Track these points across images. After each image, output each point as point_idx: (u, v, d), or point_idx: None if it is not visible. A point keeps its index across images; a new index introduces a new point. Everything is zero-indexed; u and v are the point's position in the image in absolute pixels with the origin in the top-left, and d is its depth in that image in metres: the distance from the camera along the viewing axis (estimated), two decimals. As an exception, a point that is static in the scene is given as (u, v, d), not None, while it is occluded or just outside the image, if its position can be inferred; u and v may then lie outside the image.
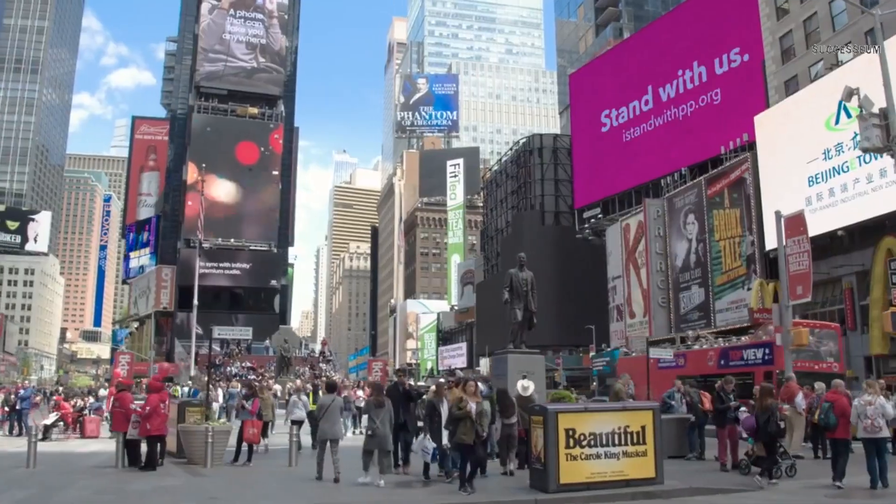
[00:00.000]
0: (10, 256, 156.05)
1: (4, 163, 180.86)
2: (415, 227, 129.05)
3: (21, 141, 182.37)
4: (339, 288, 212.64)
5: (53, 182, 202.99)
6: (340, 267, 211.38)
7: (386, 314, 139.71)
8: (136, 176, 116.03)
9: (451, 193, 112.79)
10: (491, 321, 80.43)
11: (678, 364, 31.17)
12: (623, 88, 59.04)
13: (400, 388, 14.70)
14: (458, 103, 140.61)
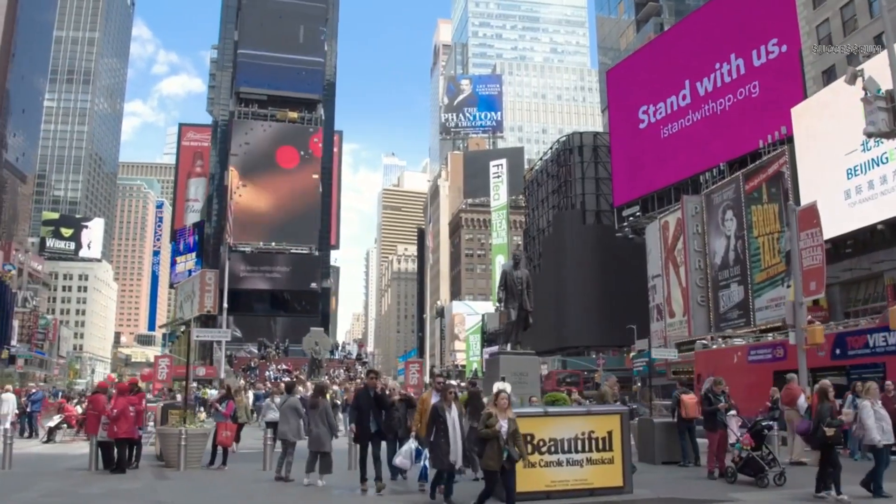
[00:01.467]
0: (64, 263, 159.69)
1: (59, 171, 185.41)
2: (459, 228, 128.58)
3: (75, 150, 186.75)
4: (387, 290, 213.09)
5: (107, 190, 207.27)
6: (389, 269, 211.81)
7: (433, 316, 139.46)
8: (184, 182, 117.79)
9: (495, 194, 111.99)
10: (534, 322, 79.71)
11: (775, 356, 25.14)
12: (660, 84, 57.88)
13: (371, 392, 12.78)
14: (503, 104, 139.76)
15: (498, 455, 9.67)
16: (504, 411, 9.90)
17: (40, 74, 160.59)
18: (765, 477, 12.26)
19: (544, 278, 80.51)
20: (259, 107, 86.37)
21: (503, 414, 9.87)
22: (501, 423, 9.77)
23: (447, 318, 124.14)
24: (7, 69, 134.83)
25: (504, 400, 10.02)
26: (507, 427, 9.76)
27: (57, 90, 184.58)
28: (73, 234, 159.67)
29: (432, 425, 10.82)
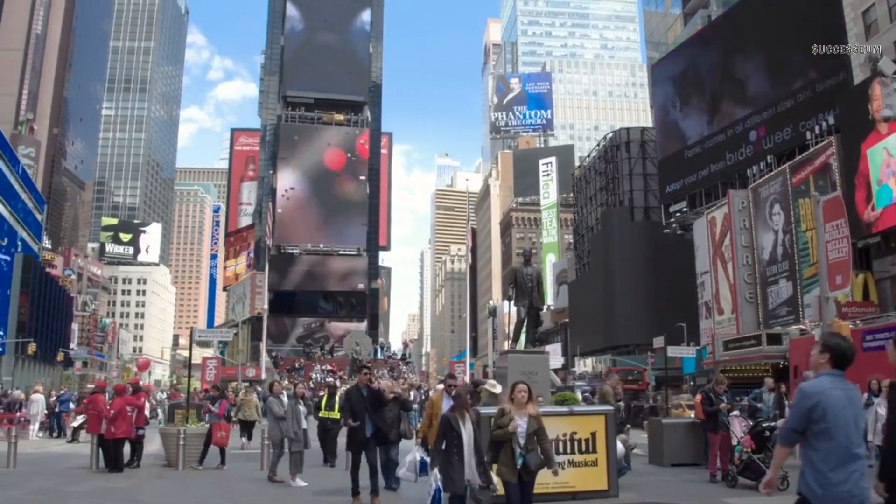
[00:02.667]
0: (123, 267, 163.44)
1: (119, 178, 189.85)
2: (510, 227, 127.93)
3: (133, 157, 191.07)
4: (441, 290, 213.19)
5: (165, 195, 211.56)
6: (442, 269, 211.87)
7: (485, 316, 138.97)
8: (237, 186, 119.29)
9: (545, 192, 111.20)
10: (584, 320, 78.77)
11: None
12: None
13: (364, 390, 11.26)
14: (553, 101, 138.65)
15: (512, 462, 8.21)
16: (523, 407, 8.35)
17: (97, 83, 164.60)
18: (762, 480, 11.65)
19: (593, 276, 79.53)
20: (306, 110, 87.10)
21: (521, 410, 8.34)
22: (519, 421, 8.25)
23: (498, 318, 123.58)
24: (65, 79, 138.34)
25: (522, 393, 8.45)
26: (525, 426, 8.27)
27: (115, 99, 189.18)
28: (132, 239, 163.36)
29: (442, 440, 8.90)
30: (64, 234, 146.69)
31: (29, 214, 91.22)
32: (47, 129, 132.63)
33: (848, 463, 4.82)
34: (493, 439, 8.44)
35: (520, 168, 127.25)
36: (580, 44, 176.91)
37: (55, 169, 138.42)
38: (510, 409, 8.38)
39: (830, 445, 4.83)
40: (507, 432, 8.24)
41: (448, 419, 8.83)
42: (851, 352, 5.10)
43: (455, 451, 8.65)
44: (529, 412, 8.36)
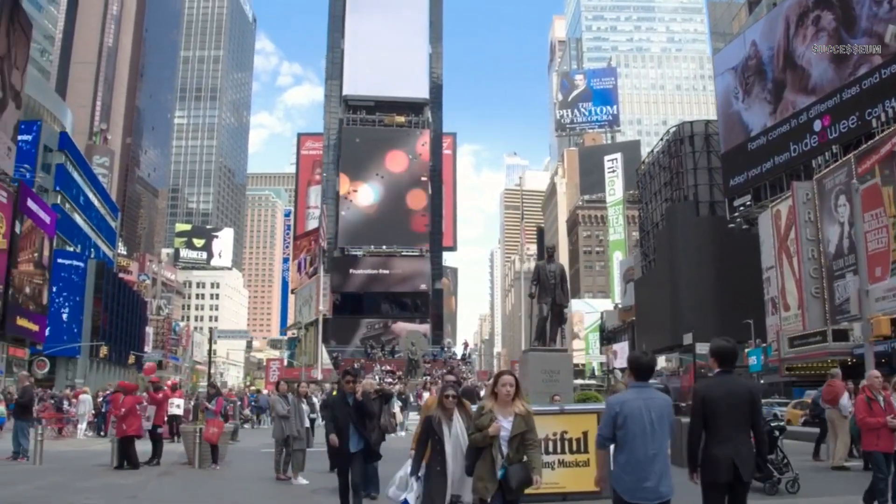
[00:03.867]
0: (196, 272, 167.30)
1: (192, 185, 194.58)
2: (577, 225, 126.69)
3: (205, 163, 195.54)
4: (511, 290, 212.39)
5: (237, 200, 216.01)
6: (512, 269, 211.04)
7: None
8: (304, 190, 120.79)
9: (610, 189, 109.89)
10: (650, 319, 77.39)
11: None
12: (767, 65, 55.05)
13: (349, 398, 9.84)
14: (619, 97, 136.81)
15: (491, 474, 6.53)
16: (508, 405, 6.66)
17: (168, 93, 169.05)
18: (775, 483, 11.00)
19: (658, 274, 78.10)
20: (367, 113, 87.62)
21: (506, 409, 6.64)
22: (502, 422, 6.57)
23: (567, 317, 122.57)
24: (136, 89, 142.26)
25: (507, 387, 6.66)
26: (509, 428, 6.54)
27: (186, 107, 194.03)
28: (205, 245, 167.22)
29: (423, 446, 7.38)
30: (140, 241, 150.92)
31: (102, 222, 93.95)
32: (121, 139, 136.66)
33: (644, 463, 5.80)
34: (471, 445, 6.75)
35: (585, 165, 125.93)
36: (646, 37, 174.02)
37: (129, 177, 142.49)
38: (492, 407, 6.63)
39: (631, 447, 5.84)
40: (487, 436, 6.49)
41: (430, 420, 7.37)
42: (649, 364, 6.29)
43: (437, 461, 7.13)
44: (516, 410, 6.60)
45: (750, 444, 6.21)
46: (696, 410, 6.28)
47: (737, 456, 6.04)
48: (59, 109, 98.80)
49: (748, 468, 6.10)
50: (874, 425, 9.36)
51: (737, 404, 6.18)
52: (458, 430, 7.16)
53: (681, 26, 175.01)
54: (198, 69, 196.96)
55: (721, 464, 6.04)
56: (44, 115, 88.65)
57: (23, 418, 18.12)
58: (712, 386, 6.46)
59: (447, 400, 7.35)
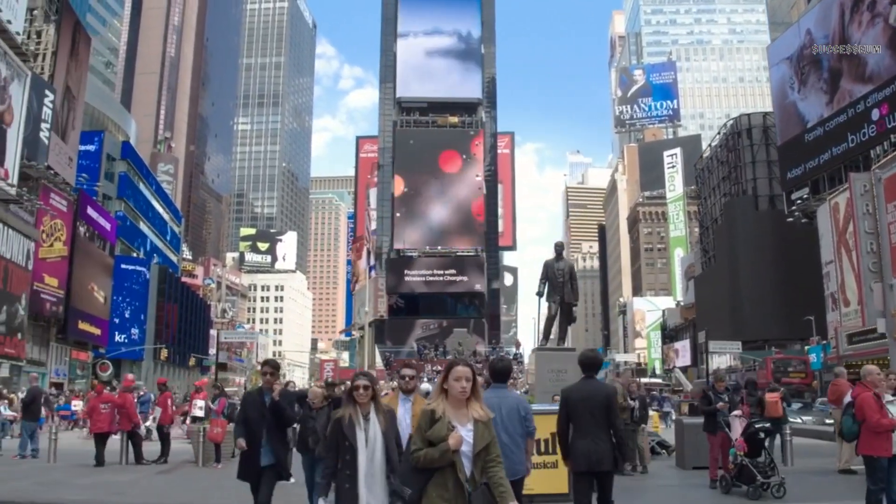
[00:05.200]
0: (261, 275, 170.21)
1: (256, 189, 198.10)
2: (637, 222, 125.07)
3: (268, 168, 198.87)
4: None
5: (301, 204, 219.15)
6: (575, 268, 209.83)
7: (615, 313, 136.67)
8: (363, 192, 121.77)
9: (670, 185, 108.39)
10: (710, 316, 75.90)
11: None
12: (822, 54, 53.52)
13: (265, 397, 8.16)
14: (679, 91, 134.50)
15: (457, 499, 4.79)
16: (463, 406, 5.01)
17: (230, 100, 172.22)
18: (759, 487, 10.55)
19: (718, 270, 76.73)
20: (420, 114, 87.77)
21: (461, 412, 4.99)
22: (462, 432, 4.89)
23: (629, 315, 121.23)
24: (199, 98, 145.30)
25: (463, 383, 5.00)
26: (472, 440, 4.91)
27: (249, 114, 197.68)
28: (269, 248, 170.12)
29: (331, 452, 5.75)
30: (206, 245, 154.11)
31: (166, 227, 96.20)
32: (184, 147, 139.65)
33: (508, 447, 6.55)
34: (417, 465, 4.85)
35: (645, 161, 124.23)
36: (707, 30, 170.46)
37: (193, 183, 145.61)
38: (444, 410, 4.91)
39: None
40: (447, 451, 4.76)
41: (338, 423, 5.70)
42: (504, 369, 7.09)
43: (345, 478, 5.54)
44: (475, 415, 4.96)
45: (608, 440, 7.13)
46: (560, 410, 7.48)
47: (594, 449, 7.06)
48: (123, 119, 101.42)
49: (606, 460, 7.07)
50: (889, 427, 8.27)
51: (594, 405, 7.20)
52: (375, 436, 5.63)
53: (742, 17, 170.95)
54: (259, 76, 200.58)
55: (581, 455, 7.13)
56: (108, 125, 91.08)
57: (27, 418, 18.62)
58: (573, 389, 7.57)
59: (358, 393, 5.71)
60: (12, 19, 42.89)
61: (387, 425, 5.78)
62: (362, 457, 5.55)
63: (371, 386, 5.84)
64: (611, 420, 7.21)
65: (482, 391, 5.38)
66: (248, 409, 8.25)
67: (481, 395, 5.18)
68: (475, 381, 5.11)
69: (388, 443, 5.70)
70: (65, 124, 54.37)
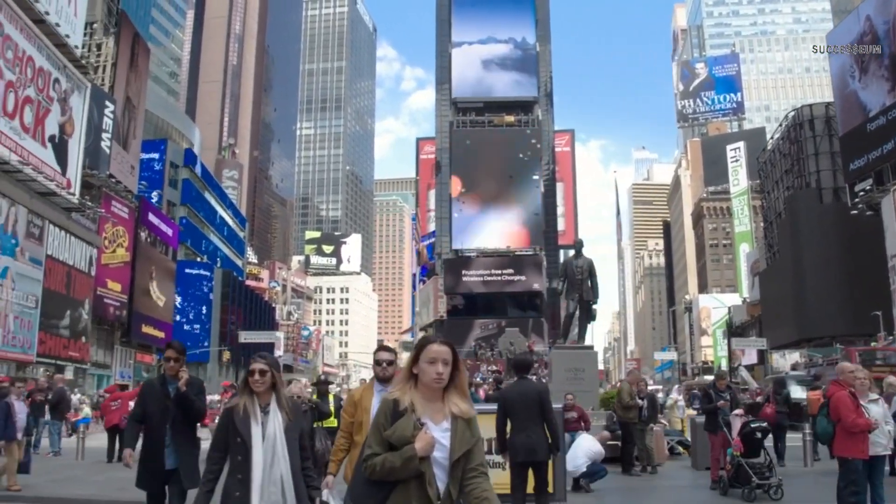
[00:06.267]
0: (326, 277, 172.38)
1: (321, 193, 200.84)
2: (702, 218, 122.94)
3: (332, 172, 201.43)
4: (640, 286, 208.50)
5: (365, 206, 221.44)
6: (641, 265, 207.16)
7: (681, 311, 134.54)
8: (425, 193, 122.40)
9: (734, 179, 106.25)
10: (776, 313, 74.19)
11: None
12: (883, 40, 51.86)
13: (170, 387, 6.69)
14: (742, 83, 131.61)
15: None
16: (438, 399, 3.64)
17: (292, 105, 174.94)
18: (754, 489, 10.28)
19: (782, 265, 74.90)
20: (476, 114, 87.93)
21: (434, 406, 3.63)
22: (435, 431, 3.53)
23: (694, 313, 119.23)
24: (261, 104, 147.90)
25: (441, 367, 3.58)
26: (447, 443, 3.52)
27: (312, 118, 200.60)
28: (334, 251, 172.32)
29: (218, 451, 4.86)
30: (272, 249, 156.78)
31: (231, 232, 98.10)
32: (248, 153, 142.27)
33: None
34: (372, 476, 3.49)
35: (709, 156, 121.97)
36: (770, 20, 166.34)
37: (258, 188, 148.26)
38: (411, 402, 3.57)
39: None
40: (412, 458, 3.41)
41: (229, 414, 4.85)
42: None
43: (236, 483, 4.70)
44: (453, 410, 3.59)
45: (542, 433, 7.89)
46: (498, 409, 8.26)
47: (529, 442, 7.82)
48: (187, 128, 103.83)
49: (540, 451, 7.85)
50: (864, 427, 7.82)
51: (528, 403, 7.92)
52: (274, 433, 4.78)
53: (807, 6, 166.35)
54: (321, 81, 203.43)
55: (517, 448, 7.89)
56: (172, 133, 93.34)
57: (55, 418, 19.25)
58: (509, 389, 8.63)
59: (254, 380, 4.82)
60: (71, 33, 44.28)
61: (291, 420, 4.87)
62: (257, 457, 4.64)
63: (270, 371, 4.89)
64: (545, 415, 7.95)
65: (467, 377, 3.88)
66: (148, 402, 6.77)
67: (465, 384, 3.74)
68: (457, 366, 3.67)
69: (290, 442, 4.81)
70: (126, 134, 55.92)
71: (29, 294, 39.40)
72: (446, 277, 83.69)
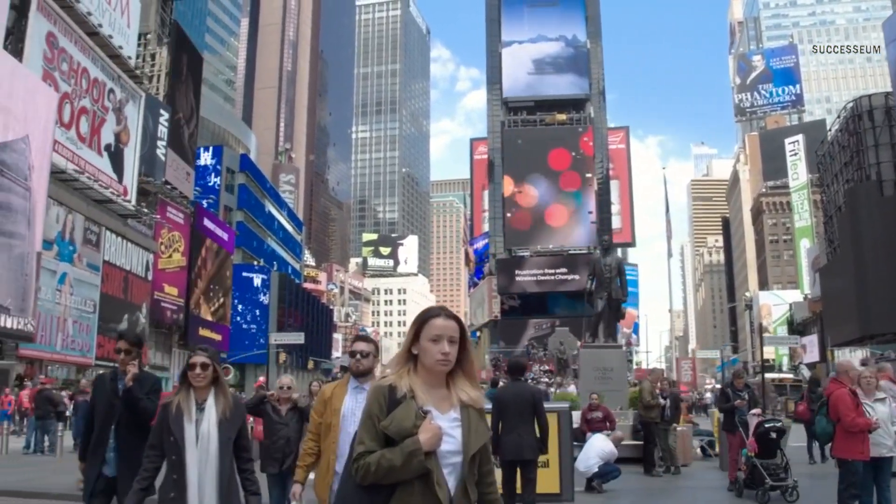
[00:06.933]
0: (383, 279, 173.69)
1: (378, 195, 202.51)
2: (761, 213, 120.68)
3: (388, 174, 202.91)
4: (701, 284, 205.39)
5: (421, 208, 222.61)
6: (701, 263, 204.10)
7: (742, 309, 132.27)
8: (479, 194, 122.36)
9: (793, 174, 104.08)
10: (837, 309, 72.44)
11: None
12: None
13: (118, 383, 5.91)
14: (801, 75, 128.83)
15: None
16: (441, 385, 3.00)
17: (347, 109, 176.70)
18: (767, 490, 10.09)
19: (843, 261, 72.98)
20: (528, 113, 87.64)
21: (439, 393, 2.99)
22: (442, 421, 2.90)
23: (755, 310, 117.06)
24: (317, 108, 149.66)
25: (446, 346, 2.93)
26: (458, 435, 2.93)
27: (367, 121, 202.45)
28: (391, 252, 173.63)
29: (154, 451, 4.68)
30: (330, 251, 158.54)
31: (287, 235, 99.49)
32: (304, 157, 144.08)
33: None
34: (365, 480, 2.82)
35: (767, 150, 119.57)
36: (829, 9, 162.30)
37: (315, 191, 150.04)
38: (410, 387, 2.94)
39: None
40: (416, 452, 2.78)
41: (165, 411, 4.60)
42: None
43: (172, 479, 4.48)
44: (462, 398, 3.01)
45: (532, 433, 8.17)
46: (493, 409, 8.23)
47: (518, 441, 8.08)
48: (243, 134, 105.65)
49: (528, 450, 8.13)
50: (864, 427, 7.56)
51: (521, 404, 8.19)
52: (208, 431, 4.49)
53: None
54: (376, 84, 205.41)
55: (508, 446, 8.12)
56: (229, 140, 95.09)
57: None
58: (503, 390, 8.89)
59: (194, 374, 4.55)
60: (124, 44, 45.45)
61: (227, 417, 4.54)
62: (191, 458, 4.36)
63: (212, 364, 4.60)
64: (538, 415, 8.27)
65: (475, 359, 3.45)
66: (96, 399, 6.10)
67: (474, 367, 3.15)
68: (465, 345, 3.09)
69: (222, 441, 4.49)
70: (181, 141, 57.18)
71: (87, 299, 40.59)
72: (499, 277, 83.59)
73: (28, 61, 34.44)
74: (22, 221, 31.09)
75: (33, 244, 32.00)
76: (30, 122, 31.24)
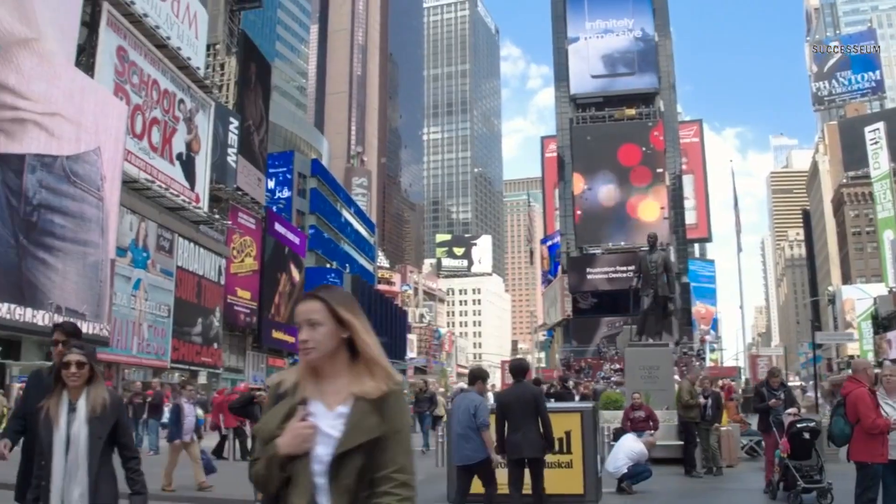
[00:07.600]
0: (458, 279, 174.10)
1: (450, 196, 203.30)
2: (843, 205, 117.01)
3: (461, 175, 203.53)
4: (783, 279, 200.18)
5: (495, 207, 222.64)
6: (782, 256, 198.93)
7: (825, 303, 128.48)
8: (551, 192, 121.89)
9: (874, 163, 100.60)
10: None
11: None
12: None
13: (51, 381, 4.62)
14: (882, 60, 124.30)
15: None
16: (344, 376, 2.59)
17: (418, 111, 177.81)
18: (798, 494, 9.84)
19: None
20: (596, 109, 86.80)
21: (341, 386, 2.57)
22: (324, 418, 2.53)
23: (838, 305, 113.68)
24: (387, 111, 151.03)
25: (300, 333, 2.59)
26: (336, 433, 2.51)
27: (439, 122, 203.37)
28: (465, 253, 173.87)
29: (26, 455, 4.87)
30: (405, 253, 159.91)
31: (360, 238, 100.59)
32: (376, 160, 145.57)
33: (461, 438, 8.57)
34: (257, 488, 2.60)
35: (847, 139, 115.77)
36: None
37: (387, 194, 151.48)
38: (296, 382, 2.61)
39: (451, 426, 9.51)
40: (271, 460, 2.49)
41: (37, 415, 4.35)
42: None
43: (41, 485, 4.20)
44: (353, 389, 2.53)
45: (537, 431, 8.42)
46: (497, 411, 8.85)
47: (524, 440, 8.39)
48: (315, 139, 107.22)
49: (534, 448, 8.43)
50: (884, 428, 7.16)
51: (524, 404, 8.51)
52: (78, 434, 4.21)
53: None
54: (446, 85, 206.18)
55: (513, 445, 8.46)
56: (301, 145, 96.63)
57: (153, 417, 20.67)
58: (506, 393, 9.40)
59: (69, 373, 4.27)
60: (192, 55, 46.69)
61: (95, 413, 4.25)
62: (57, 464, 4.09)
63: (88, 363, 4.30)
64: (541, 415, 8.51)
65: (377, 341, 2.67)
66: (30, 396, 5.35)
67: (375, 351, 2.60)
68: (352, 325, 2.59)
69: (92, 442, 4.20)
70: (252, 147, 58.44)
71: (161, 304, 41.85)
72: (570, 276, 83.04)
73: (100, 75, 35.72)
74: (95, 230, 32.29)
75: (107, 252, 33.20)
76: (101, 134, 32.42)
